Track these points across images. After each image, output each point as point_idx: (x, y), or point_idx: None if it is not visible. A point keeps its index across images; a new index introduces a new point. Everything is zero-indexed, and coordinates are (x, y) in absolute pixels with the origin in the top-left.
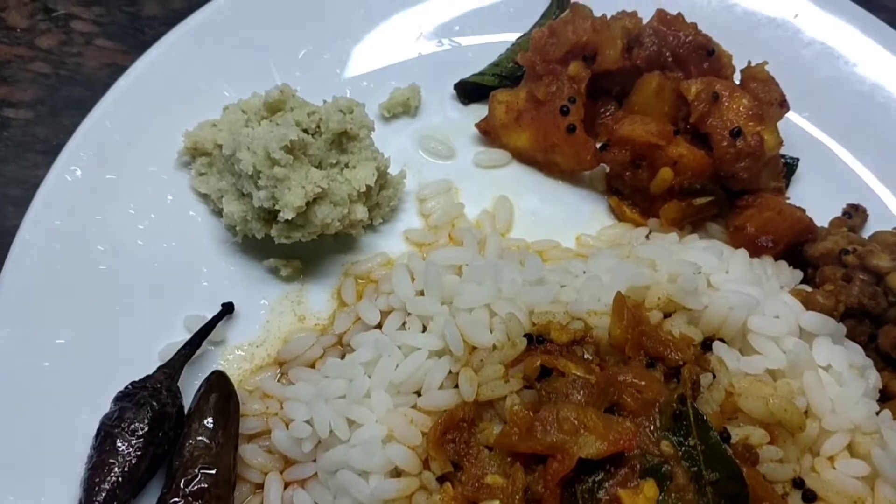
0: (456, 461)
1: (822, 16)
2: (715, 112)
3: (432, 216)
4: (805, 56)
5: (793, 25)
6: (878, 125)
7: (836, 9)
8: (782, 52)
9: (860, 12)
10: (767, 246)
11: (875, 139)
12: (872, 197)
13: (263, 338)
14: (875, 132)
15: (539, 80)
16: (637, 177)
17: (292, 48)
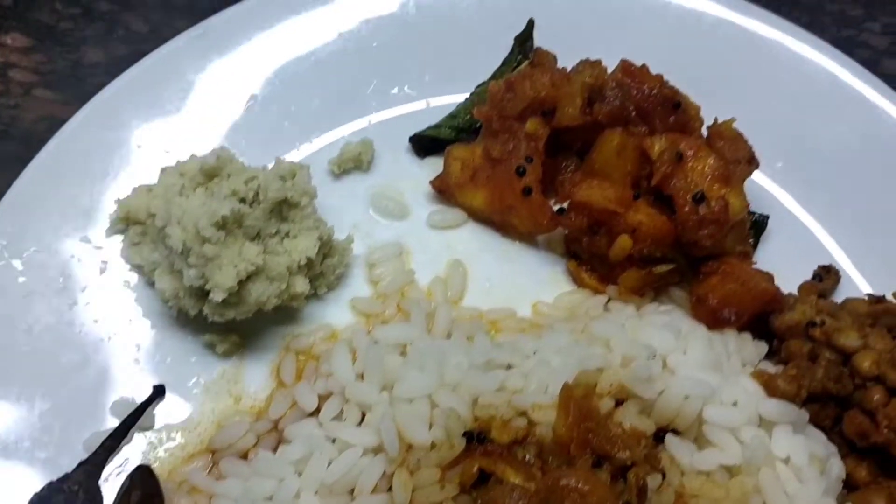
0: None
1: (799, 62)
2: (678, 173)
3: (381, 283)
4: (779, 105)
5: (769, 71)
6: (855, 180)
7: (815, 51)
8: (756, 101)
9: (838, 55)
10: (731, 319)
11: (851, 195)
12: (846, 255)
13: (197, 421)
14: (851, 188)
15: (495, 137)
16: (595, 243)
17: (238, 100)
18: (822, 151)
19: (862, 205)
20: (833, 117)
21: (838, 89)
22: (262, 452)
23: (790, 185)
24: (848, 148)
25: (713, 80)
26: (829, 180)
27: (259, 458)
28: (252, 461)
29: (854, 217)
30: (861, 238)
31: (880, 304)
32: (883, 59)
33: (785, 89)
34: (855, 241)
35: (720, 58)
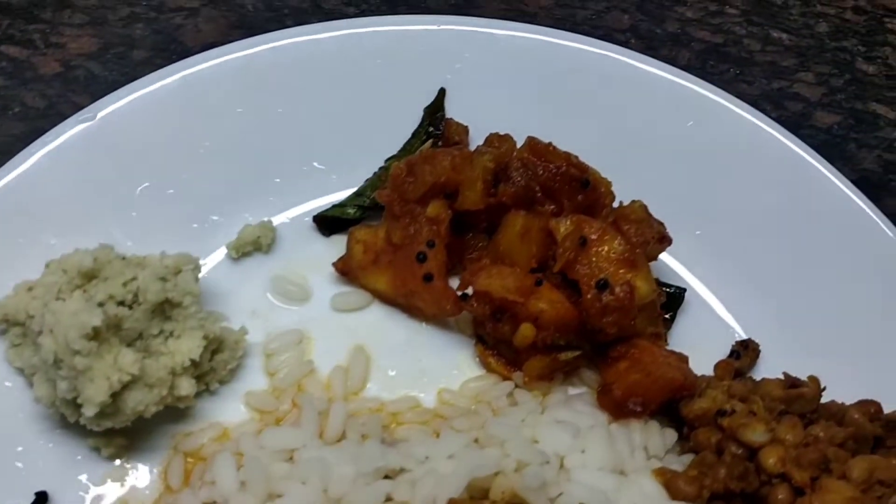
0: None
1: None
2: (582, 258)
3: (278, 375)
4: (699, 169)
5: (688, 134)
6: (779, 246)
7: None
8: (672, 166)
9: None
10: (637, 410)
11: (775, 262)
12: (768, 327)
13: None
14: (775, 255)
15: (397, 221)
16: (499, 330)
17: (130, 183)
18: (744, 216)
19: (787, 272)
20: (756, 181)
21: (761, 151)
22: None
23: (710, 254)
24: (774, 212)
25: (630, 143)
26: (752, 247)
27: None
28: None
29: (778, 285)
30: (785, 308)
31: (795, 390)
32: (816, 112)
33: (706, 153)
34: (779, 311)
35: (640, 119)
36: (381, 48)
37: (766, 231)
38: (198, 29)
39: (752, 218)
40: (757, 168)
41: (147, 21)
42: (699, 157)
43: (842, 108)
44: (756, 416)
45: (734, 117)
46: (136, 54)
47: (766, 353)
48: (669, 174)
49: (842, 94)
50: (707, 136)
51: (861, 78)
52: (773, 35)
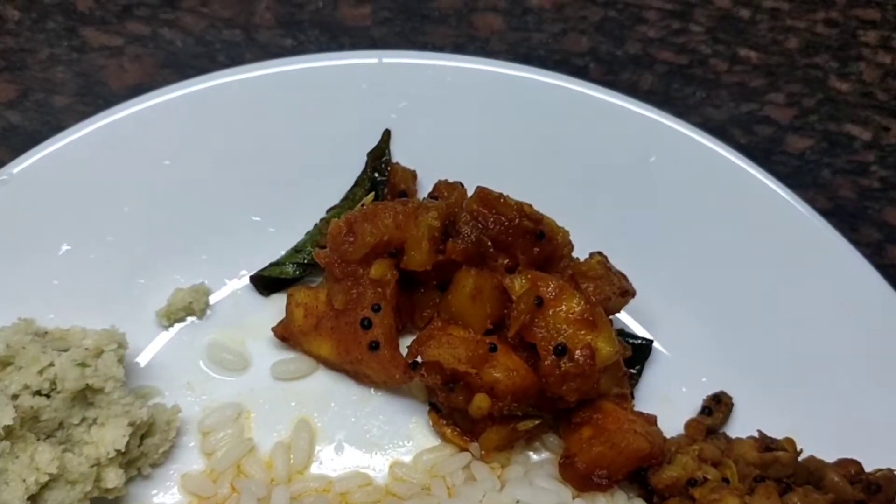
0: None
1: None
2: (539, 320)
3: (216, 456)
4: (663, 209)
5: (647, 172)
6: (752, 288)
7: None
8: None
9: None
10: (602, 483)
11: (746, 305)
12: (742, 376)
13: None
14: (746, 297)
15: (338, 283)
16: (453, 400)
17: (51, 247)
18: (713, 257)
19: (762, 320)
20: (724, 218)
21: (729, 186)
22: None
23: (678, 299)
24: (746, 250)
25: (588, 182)
26: (723, 290)
27: None
28: None
29: (752, 332)
30: (758, 356)
31: (770, 453)
32: (787, 136)
33: (670, 191)
34: (751, 359)
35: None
36: (319, 87)
37: (738, 272)
38: (123, 69)
39: (722, 258)
40: (725, 204)
41: (68, 63)
42: (663, 195)
43: (814, 130)
44: (729, 484)
45: (698, 149)
46: (57, 100)
47: (739, 405)
48: (632, 215)
49: (814, 115)
50: (671, 172)
51: (834, 97)
52: (741, 53)
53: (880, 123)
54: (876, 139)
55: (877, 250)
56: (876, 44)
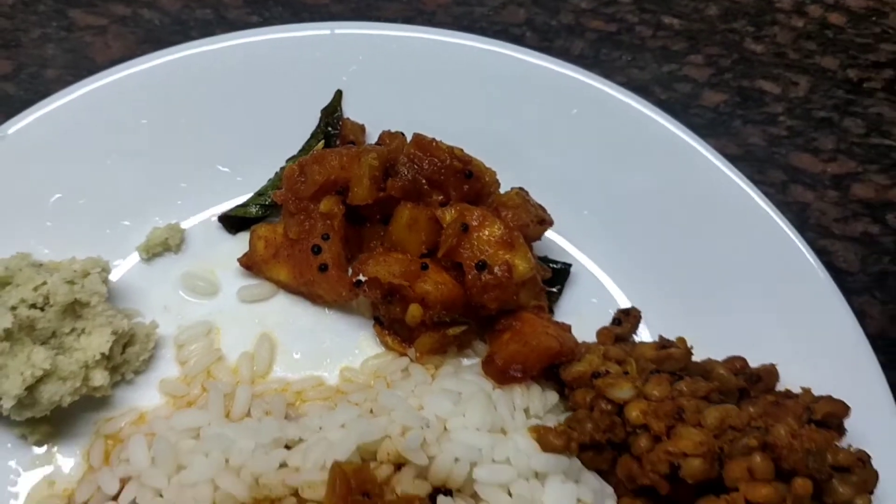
0: None
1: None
2: (464, 243)
3: (189, 364)
4: (583, 155)
5: (569, 123)
6: (662, 223)
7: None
8: (560, 153)
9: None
10: (518, 376)
11: (657, 238)
12: (651, 295)
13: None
14: (657, 231)
15: (293, 218)
16: (392, 311)
17: (44, 195)
18: (627, 195)
19: (669, 246)
20: (637, 162)
21: (642, 134)
22: None
23: (595, 232)
24: (654, 191)
25: (520, 133)
26: (635, 223)
27: None
28: None
29: (659, 257)
30: (665, 278)
31: (664, 351)
32: (704, 92)
33: (590, 139)
34: (659, 281)
35: (528, 114)
36: (279, 55)
37: (649, 208)
38: (107, 45)
39: (635, 195)
40: (637, 150)
41: (58, 41)
42: (582, 142)
43: (729, 86)
44: (629, 376)
45: (615, 103)
46: (48, 73)
47: (650, 320)
48: (557, 161)
49: (729, 73)
50: (590, 123)
51: (749, 57)
52: (665, 21)
53: (790, 79)
54: (785, 93)
55: (781, 189)
56: (790, 9)
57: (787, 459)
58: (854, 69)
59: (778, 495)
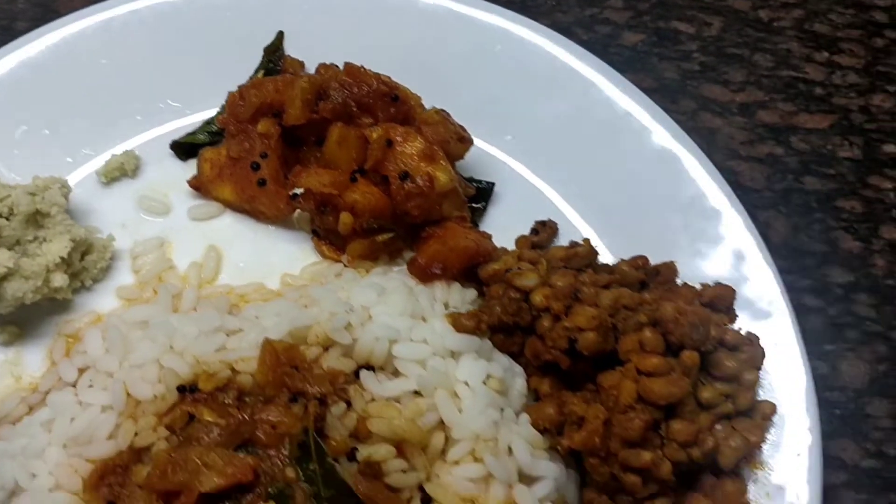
0: (112, 501)
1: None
2: (389, 157)
3: (142, 272)
4: (504, 87)
5: (493, 59)
6: (573, 148)
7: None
8: (486, 85)
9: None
10: (438, 273)
11: (570, 160)
12: (566, 212)
13: None
14: (570, 154)
15: (234, 139)
16: (326, 221)
17: (9, 127)
18: (544, 124)
19: (580, 168)
20: (553, 94)
21: (558, 69)
22: (26, 419)
23: (518, 155)
24: (569, 118)
25: (449, 71)
26: (551, 149)
27: (24, 423)
28: (19, 426)
29: (572, 178)
30: (576, 197)
31: (572, 249)
32: (623, 33)
33: (512, 72)
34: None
35: (456, 51)
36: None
37: (566, 133)
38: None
39: (553, 121)
40: (555, 83)
41: None
42: (507, 76)
43: (647, 27)
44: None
45: (534, 40)
46: (18, 25)
47: (567, 233)
48: (482, 92)
49: (647, 15)
50: (512, 59)
51: (665, 1)
52: None
53: (704, 20)
54: (699, 33)
55: (692, 117)
56: None
57: (673, 333)
58: (765, 10)
59: (666, 365)
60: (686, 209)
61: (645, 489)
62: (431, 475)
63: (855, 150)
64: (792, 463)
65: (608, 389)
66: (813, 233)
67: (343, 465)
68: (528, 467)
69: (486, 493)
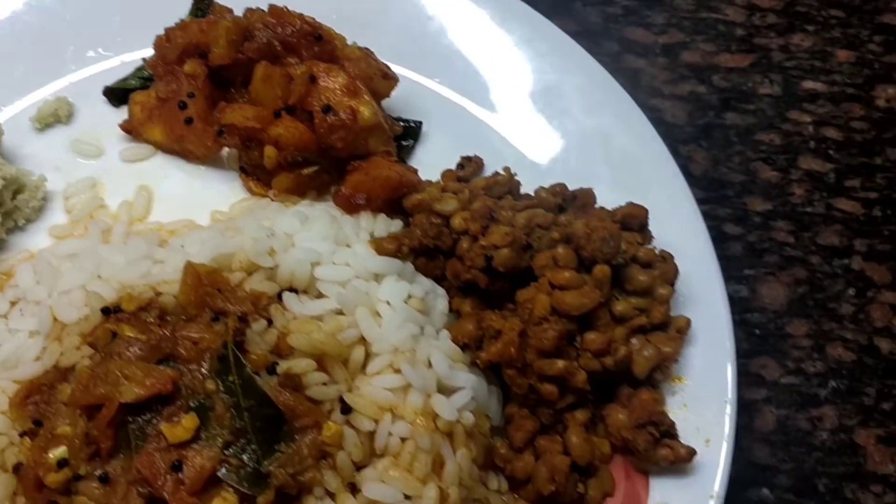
0: (38, 419)
1: None
2: (313, 92)
3: (74, 211)
4: (431, 27)
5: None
6: (500, 83)
7: None
8: (412, 27)
9: None
10: (362, 203)
11: (499, 95)
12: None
13: None
14: (499, 89)
15: (162, 80)
16: (251, 156)
17: None
18: (474, 66)
19: (511, 104)
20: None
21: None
22: None
23: (448, 95)
24: (495, 60)
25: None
26: (482, 87)
27: None
28: None
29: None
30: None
31: (493, 178)
32: None
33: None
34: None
35: None
36: None
37: (496, 70)
38: None
39: (485, 61)
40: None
41: None
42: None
43: None
44: (458, 196)
45: None
46: None
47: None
48: (409, 35)
49: None
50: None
51: None
52: None
53: None
54: None
55: (616, 58)
56: None
57: (585, 248)
58: None
59: (578, 279)
60: (606, 142)
61: (563, 400)
62: (353, 388)
63: (775, 87)
64: (710, 377)
65: (524, 304)
66: (733, 165)
67: (264, 378)
68: (446, 378)
69: (404, 401)
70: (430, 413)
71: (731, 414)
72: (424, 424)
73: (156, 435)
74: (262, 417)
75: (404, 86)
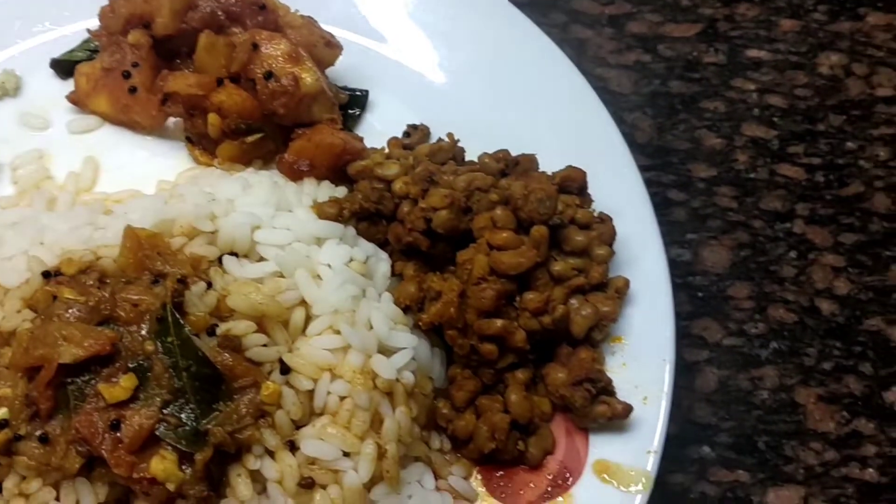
0: None
1: None
2: (255, 60)
3: (20, 182)
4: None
5: None
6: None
7: None
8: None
9: None
10: (305, 170)
11: (446, 64)
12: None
13: None
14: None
15: (106, 51)
16: (195, 125)
17: None
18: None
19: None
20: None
21: None
22: None
23: (394, 64)
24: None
25: None
26: (428, 56)
27: None
28: None
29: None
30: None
31: (436, 145)
32: None
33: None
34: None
35: None
36: None
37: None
38: None
39: (428, 33)
40: None
41: None
42: None
43: None
44: (400, 162)
45: None
46: None
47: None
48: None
49: None
50: None
51: None
52: None
53: None
54: None
55: (563, 29)
56: None
57: (523, 209)
58: None
59: (516, 239)
60: (552, 111)
61: (503, 359)
62: (293, 349)
63: (720, 56)
64: (649, 337)
65: (463, 264)
66: (677, 132)
67: (204, 340)
68: (386, 339)
69: (344, 361)
70: (369, 372)
71: (670, 371)
72: (363, 383)
73: (94, 395)
74: (200, 377)
75: (354, 53)
